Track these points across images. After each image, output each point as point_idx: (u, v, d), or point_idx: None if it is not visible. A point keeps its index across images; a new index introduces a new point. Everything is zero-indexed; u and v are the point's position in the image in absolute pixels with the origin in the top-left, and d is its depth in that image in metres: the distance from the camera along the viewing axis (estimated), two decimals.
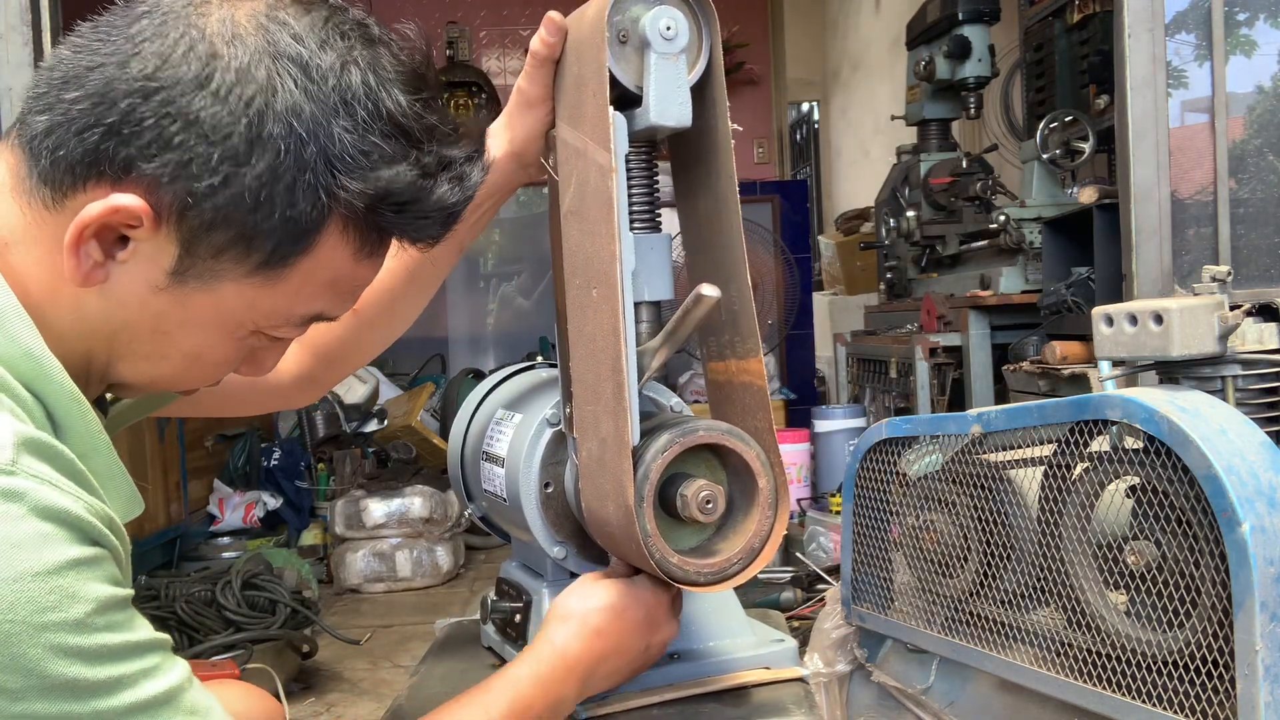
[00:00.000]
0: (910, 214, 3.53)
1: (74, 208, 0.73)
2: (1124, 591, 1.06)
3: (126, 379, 0.82)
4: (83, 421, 0.75)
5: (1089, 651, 1.07)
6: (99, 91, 0.72)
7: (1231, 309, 1.48)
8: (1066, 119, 3.19)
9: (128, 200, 0.72)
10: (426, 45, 0.81)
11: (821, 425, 3.36)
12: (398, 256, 1.00)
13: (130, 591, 0.71)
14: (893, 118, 4.14)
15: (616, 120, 0.91)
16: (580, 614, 0.97)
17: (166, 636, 0.72)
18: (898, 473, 1.32)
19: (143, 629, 0.69)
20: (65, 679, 0.64)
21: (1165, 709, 0.97)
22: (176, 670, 0.70)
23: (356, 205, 0.75)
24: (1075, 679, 1.07)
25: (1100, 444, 1.09)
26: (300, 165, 0.73)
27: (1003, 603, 1.19)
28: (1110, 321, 1.52)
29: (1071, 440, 1.11)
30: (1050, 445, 1.14)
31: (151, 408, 1.03)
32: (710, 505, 0.92)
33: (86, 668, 0.65)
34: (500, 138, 1.06)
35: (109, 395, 0.93)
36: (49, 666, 0.63)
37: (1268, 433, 1.03)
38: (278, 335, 0.83)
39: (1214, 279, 1.55)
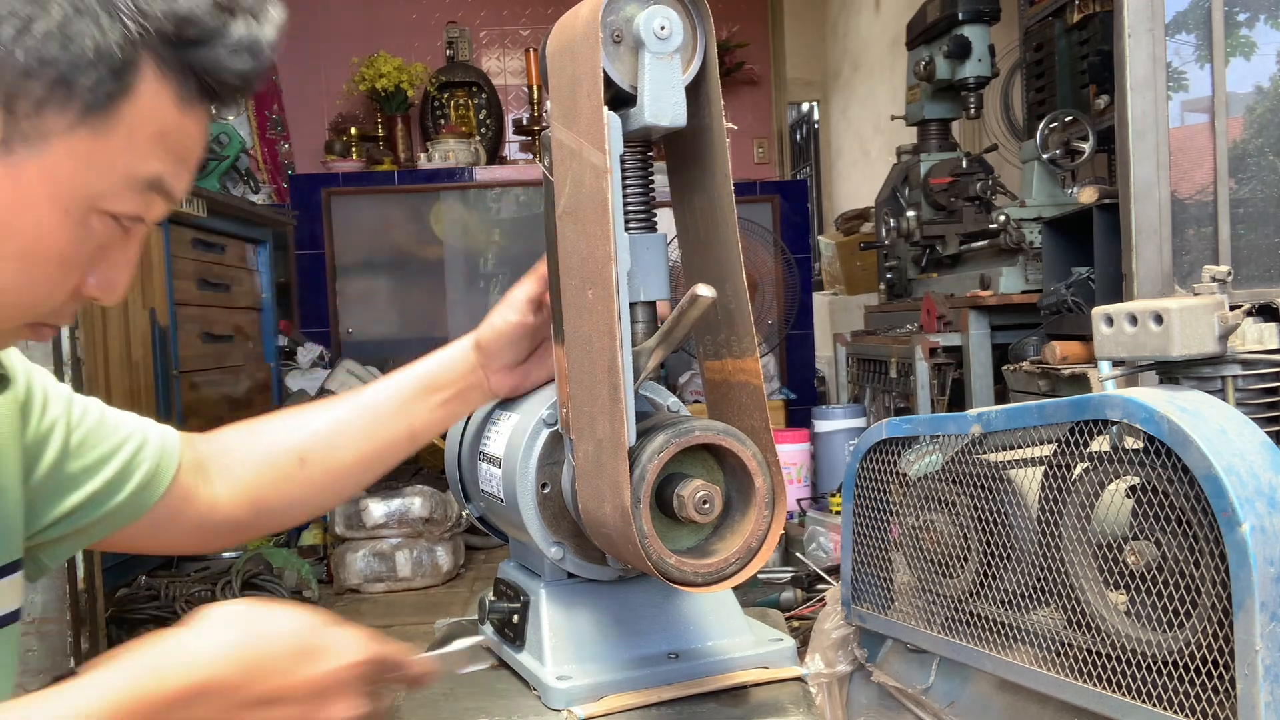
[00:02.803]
0: (910, 214, 3.53)
1: None
2: (1124, 591, 1.06)
3: None
4: None
5: (1089, 651, 1.07)
6: None
7: (1231, 309, 1.48)
8: (1066, 119, 3.19)
9: None
10: None
11: (821, 425, 3.36)
12: (356, 428, 1.11)
13: None
14: (893, 118, 4.14)
15: (611, 120, 0.91)
16: (246, 627, 0.76)
17: None
18: (898, 473, 1.32)
19: None
20: None
21: (1165, 709, 0.97)
22: None
23: (165, 30, 0.74)
24: (1075, 679, 1.07)
25: (1100, 444, 1.08)
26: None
27: (1003, 603, 1.18)
28: (1110, 321, 1.51)
29: (1071, 440, 1.11)
30: (1050, 445, 1.14)
31: (104, 530, 1.02)
32: (707, 505, 0.92)
33: None
34: (473, 333, 1.14)
35: (56, 433, 0.94)
36: None
37: (1268, 433, 1.02)
38: (117, 210, 0.78)
39: (1214, 279, 1.54)
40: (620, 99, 0.95)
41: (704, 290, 0.91)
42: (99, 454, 1.01)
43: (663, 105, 0.94)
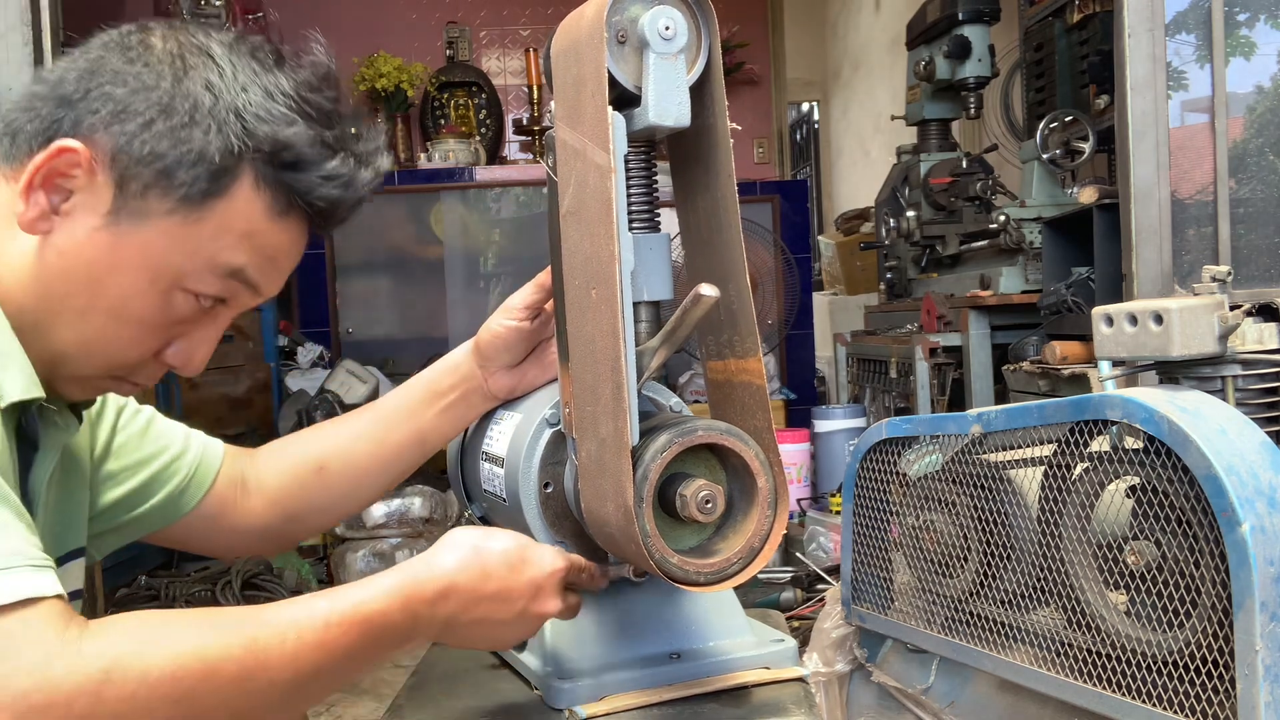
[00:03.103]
0: (910, 214, 3.53)
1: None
2: (1124, 591, 1.06)
3: (61, 346, 0.89)
4: None
5: (1089, 651, 1.07)
6: (56, 79, 0.89)
7: (1231, 309, 1.48)
8: (1066, 119, 3.19)
9: (69, 141, 0.85)
10: (329, 60, 0.95)
11: (821, 425, 3.36)
12: (370, 436, 1.19)
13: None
14: (893, 118, 4.14)
15: (615, 120, 0.91)
16: (473, 547, 0.93)
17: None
18: (898, 473, 1.32)
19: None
20: None
21: (1165, 709, 0.97)
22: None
23: (264, 150, 0.88)
24: (1075, 679, 1.07)
25: (1100, 444, 1.09)
26: (215, 115, 0.87)
27: (1003, 603, 1.19)
28: (1110, 321, 1.52)
29: (1071, 440, 1.11)
30: (1050, 445, 1.14)
31: (141, 529, 1.13)
32: (710, 505, 0.92)
33: None
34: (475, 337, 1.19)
35: (101, 431, 1.05)
36: None
37: (1268, 433, 1.03)
38: (200, 290, 0.90)
39: (1214, 279, 1.54)
40: (624, 99, 0.95)
41: (707, 290, 0.91)
42: (137, 458, 1.12)
43: (667, 105, 0.94)
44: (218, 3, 4.55)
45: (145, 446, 1.13)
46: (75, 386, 0.94)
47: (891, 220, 3.78)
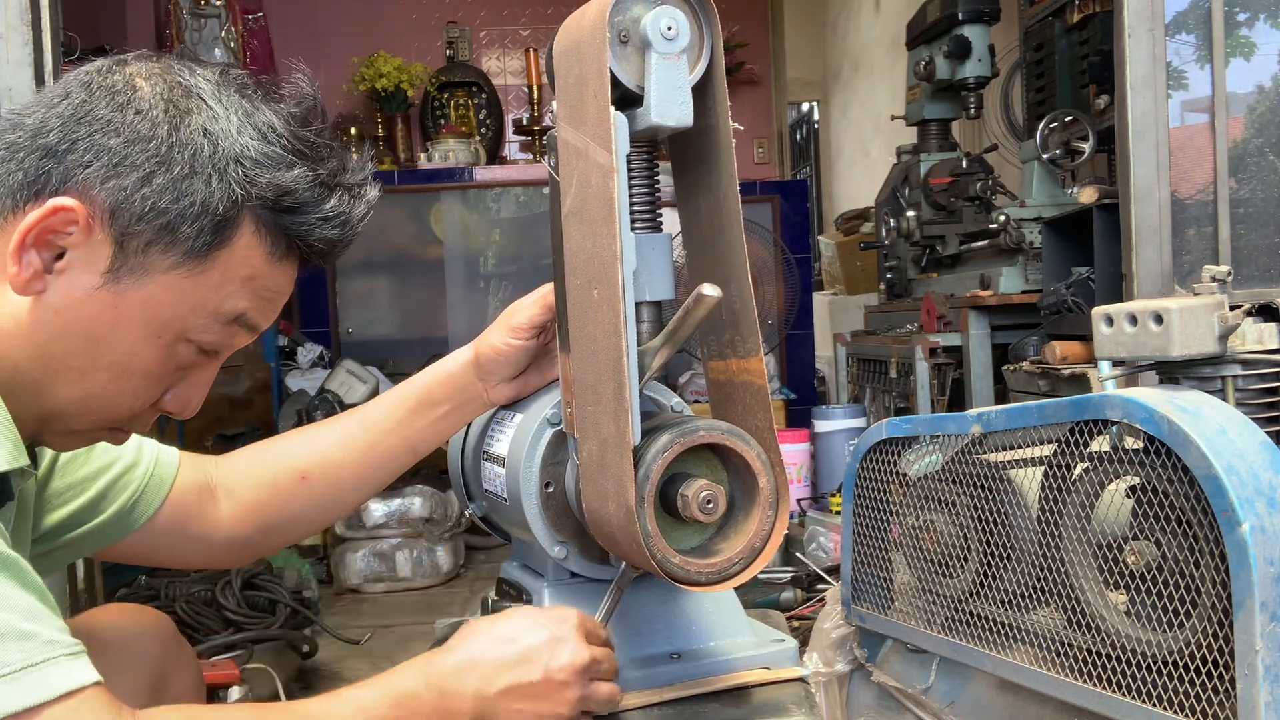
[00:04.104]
0: (910, 214, 3.53)
1: (17, 225, 0.82)
2: (1124, 591, 1.06)
3: (58, 403, 0.86)
4: None
5: (1089, 651, 1.07)
6: (35, 127, 0.84)
7: (1231, 309, 1.48)
8: (1066, 119, 3.19)
9: (65, 200, 0.81)
10: (315, 92, 0.94)
11: (821, 425, 3.36)
12: (357, 444, 1.16)
13: (6, 550, 0.75)
14: (893, 118, 4.14)
15: (617, 120, 0.91)
16: (487, 623, 0.96)
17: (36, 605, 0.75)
18: (898, 473, 1.32)
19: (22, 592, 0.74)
20: None
21: (1165, 709, 0.97)
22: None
23: (266, 197, 0.86)
24: (1075, 679, 1.07)
25: (1100, 444, 1.09)
26: (214, 164, 0.84)
27: (1003, 603, 1.19)
28: (1110, 321, 1.52)
29: (1071, 440, 1.11)
30: (1050, 445, 1.14)
31: (93, 545, 1.09)
32: (711, 505, 0.92)
33: None
34: (470, 345, 1.17)
35: (47, 450, 1.00)
36: None
37: (1268, 433, 1.03)
38: (203, 339, 0.89)
39: (1214, 279, 1.54)
40: (626, 99, 0.95)
41: (709, 290, 0.91)
42: (84, 474, 1.07)
43: (669, 105, 0.94)
44: (217, 3, 4.55)
45: (93, 461, 1.09)
46: (68, 440, 0.92)
47: (891, 220, 3.78)
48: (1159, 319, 1.45)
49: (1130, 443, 1.06)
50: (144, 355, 0.87)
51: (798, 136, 8.60)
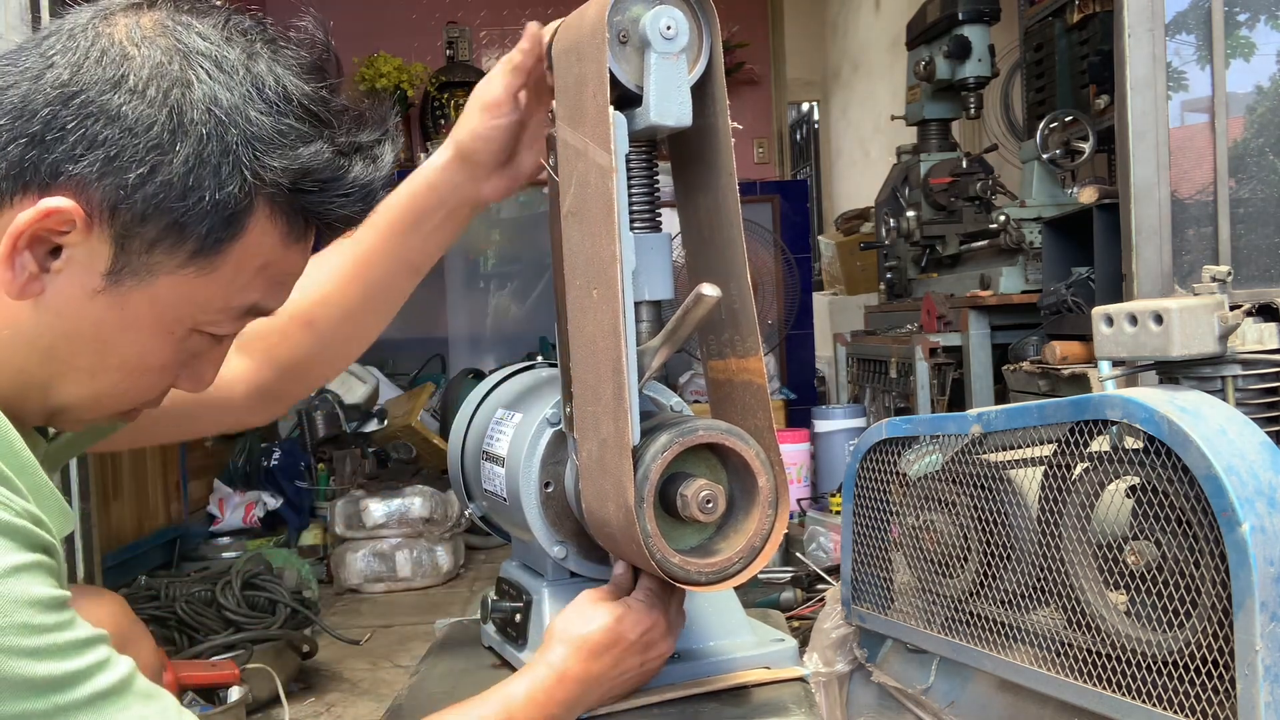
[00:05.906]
0: (910, 214, 3.53)
1: (4, 223, 0.75)
2: (1124, 591, 1.06)
3: (67, 401, 0.82)
4: (4, 440, 0.75)
5: (1089, 651, 1.07)
6: (17, 107, 0.74)
7: (1231, 309, 1.48)
8: (1066, 119, 3.19)
9: (59, 202, 0.73)
10: (326, 37, 0.86)
11: (821, 425, 3.36)
12: (355, 276, 1.09)
13: (68, 594, 0.72)
14: (893, 118, 4.14)
15: (617, 120, 0.91)
16: (579, 637, 0.98)
17: (105, 631, 0.73)
18: (898, 473, 1.32)
19: (85, 626, 0.71)
20: (23, 678, 0.65)
21: (1165, 709, 0.97)
22: (124, 661, 0.72)
23: (281, 183, 0.78)
24: (1075, 679, 1.07)
25: (1100, 444, 1.09)
26: (223, 149, 0.75)
27: (1003, 603, 1.19)
28: (1110, 321, 1.52)
29: (1071, 440, 1.11)
30: (1050, 445, 1.14)
31: (92, 440, 1.02)
32: (710, 505, 0.92)
33: (43, 664, 0.66)
34: (447, 142, 1.09)
35: (51, 430, 0.93)
36: (7, 668, 0.65)
37: (1268, 433, 1.03)
38: (216, 332, 0.84)
39: (1214, 279, 1.54)
40: (625, 99, 0.95)
41: (709, 290, 0.91)
42: None
43: (668, 105, 0.94)
44: (217, 3, 4.54)
45: None
46: (78, 426, 0.89)
47: (891, 220, 3.78)
48: (1159, 319, 1.45)
49: (1130, 443, 1.06)
50: (155, 352, 0.82)
51: (798, 136, 8.60)
